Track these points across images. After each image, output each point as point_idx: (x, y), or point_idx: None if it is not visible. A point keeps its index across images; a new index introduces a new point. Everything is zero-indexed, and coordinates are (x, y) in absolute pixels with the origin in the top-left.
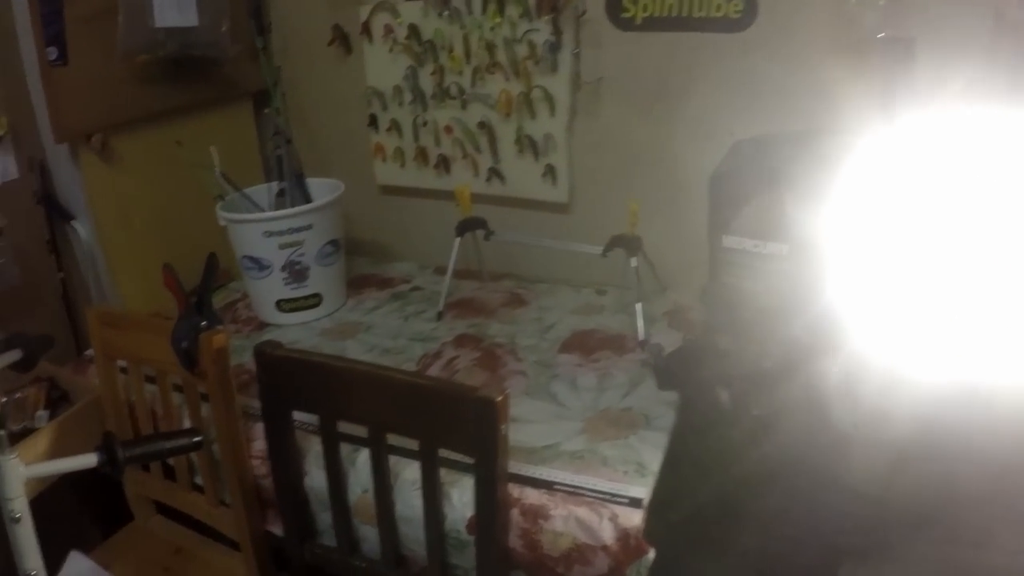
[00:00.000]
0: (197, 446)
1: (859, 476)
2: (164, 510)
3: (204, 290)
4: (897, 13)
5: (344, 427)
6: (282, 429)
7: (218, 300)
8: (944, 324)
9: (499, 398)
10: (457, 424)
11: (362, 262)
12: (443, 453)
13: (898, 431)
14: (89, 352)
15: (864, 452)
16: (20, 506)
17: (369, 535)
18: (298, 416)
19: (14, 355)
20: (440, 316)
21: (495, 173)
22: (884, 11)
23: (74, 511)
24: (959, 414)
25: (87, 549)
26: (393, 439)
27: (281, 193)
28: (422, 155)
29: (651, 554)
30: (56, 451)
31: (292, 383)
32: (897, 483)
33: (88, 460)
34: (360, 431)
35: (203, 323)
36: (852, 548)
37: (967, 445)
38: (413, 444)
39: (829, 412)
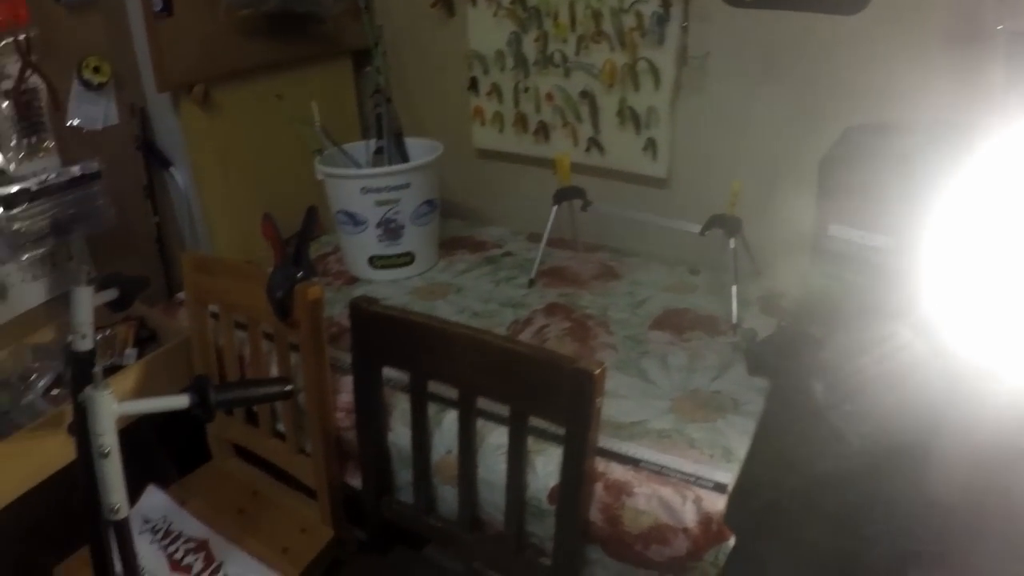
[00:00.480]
0: (287, 395)
1: (937, 485)
2: (241, 453)
3: (302, 241)
4: (1017, 4)
5: (433, 387)
6: (371, 384)
7: (310, 252)
8: None
9: (597, 371)
10: (551, 393)
11: (454, 224)
12: (532, 421)
13: (981, 442)
14: (180, 295)
15: (945, 461)
16: (109, 441)
17: (447, 495)
18: (387, 373)
19: (111, 294)
20: (532, 283)
21: (594, 143)
22: (1003, 2)
23: (152, 447)
24: None
25: (163, 485)
26: (482, 403)
27: (379, 151)
28: (521, 121)
29: (731, 541)
30: (142, 389)
31: (385, 339)
32: (970, 494)
33: (180, 401)
34: (449, 392)
35: (299, 274)
36: (921, 555)
37: None
38: (502, 409)
39: (919, 416)
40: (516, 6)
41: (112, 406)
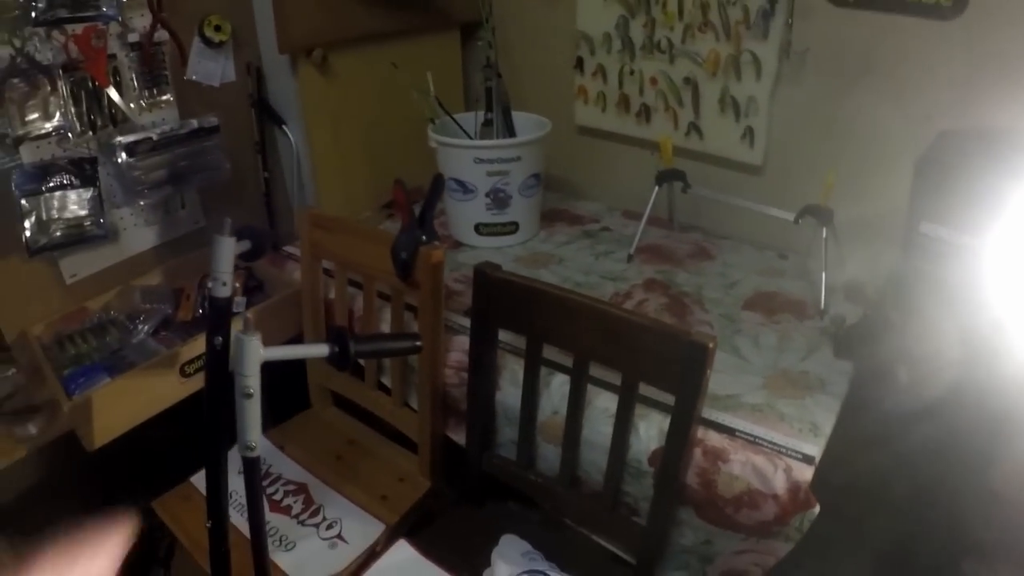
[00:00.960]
0: (417, 350)
1: (1000, 477)
2: (338, 403)
3: (428, 207)
4: None
5: (546, 352)
6: (486, 345)
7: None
8: None
9: (711, 344)
10: (664, 363)
11: (552, 197)
12: (641, 388)
13: None
14: (287, 248)
15: (1009, 455)
16: (254, 383)
17: (548, 454)
18: (501, 335)
19: (244, 245)
20: (630, 259)
21: (694, 128)
22: None
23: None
24: None
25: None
26: (592, 369)
27: (487, 123)
28: (624, 102)
29: (816, 509)
30: None
31: (505, 304)
32: None
33: (320, 350)
34: (560, 357)
35: (423, 237)
36: (978, 545)
37: None
38: (610, 375)
39: (990, 407)
40: None
41: (259, 351)
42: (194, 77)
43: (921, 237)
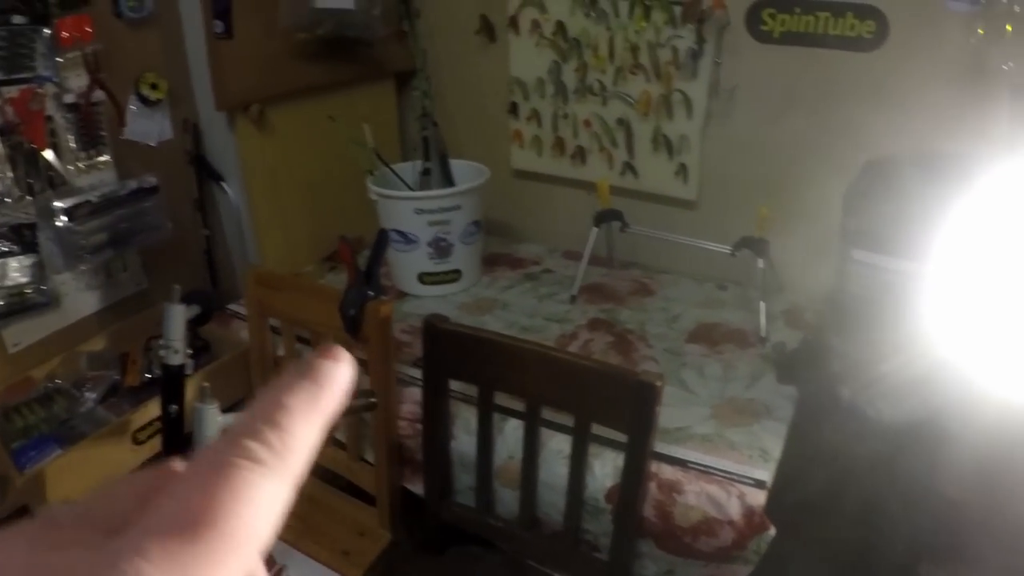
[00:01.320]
0: (373, 406)
1: (949, 481)
2: None
3: (374, 263)
4: (1021, 45)
5: (497, 398)
6: (438, 394)
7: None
8: None
9: (659, 383)
10: (614, 403)
11: (493, 241)
12: (593, 428)
13: (989, 443)
14: (232, 306)
15: (955, 460)
16: None
17: (506, 497)
18: (452, 384)
19: (194, 310)
20: (573, 299)
21: (629, 167)
22: (1010, 43)
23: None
24: None
25: None
26: (544, 412)
27: (426, 172)
28: (559, 145)
29: (772, 531)
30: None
31: (455, 355)
32: (982, 491)
33: None
34: (512, 402)
35: (371, 293)
36: (933, 548)
37: None
38: (562, 417)
39: (933, 418)
40: (557, 37)
41: (219, 419)
42: (131, 136)
43: (854, 264)
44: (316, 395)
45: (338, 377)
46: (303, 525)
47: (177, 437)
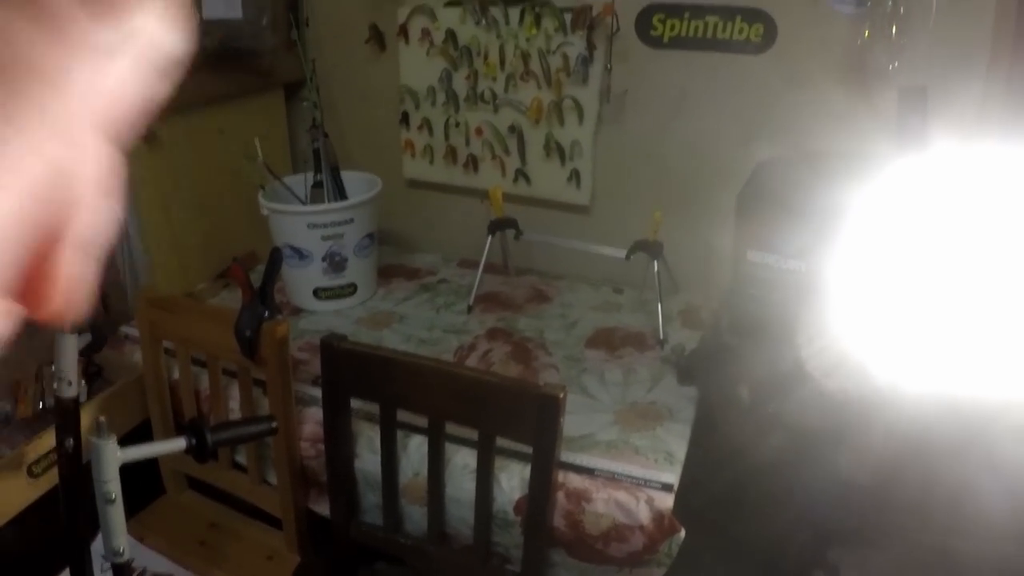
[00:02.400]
0: (274, 431)
1: (850, 467)
2: (193, 485)
3: (268, 282)
4: (907, 47)
5: (400, 415)
6: (339, 414)
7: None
8: (936, 340)
9: (561, 394)
10: (517, 416)
11: (388, 252)
12: (498, 442)
13: (887, 429)
14: (124, 330)
15: (855, 448)
16: (115, 487)
17: (414, 514)
18: (353, 403)
19: (86, 339)
20: (470, 309)
21: (522, 174)
22: (895, 44)
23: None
24: (943, 420)
25: None
26: (448, 427)
27: (317, 184)
28: (451, 154)
29: (682, 533)
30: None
31: (354, 373)
32: (881, 474)
33: (178, 444)
34: (415, 419)
35: (266, 313)
36: (840, 533)
37: (945, 447)
38: (466, 432)
39: (832, 412)
40: (447, 45)
41: (116, 454)
42: None
43: (749, 265)
44: None
45: None
46: (209, 551)
47: (75, 472)
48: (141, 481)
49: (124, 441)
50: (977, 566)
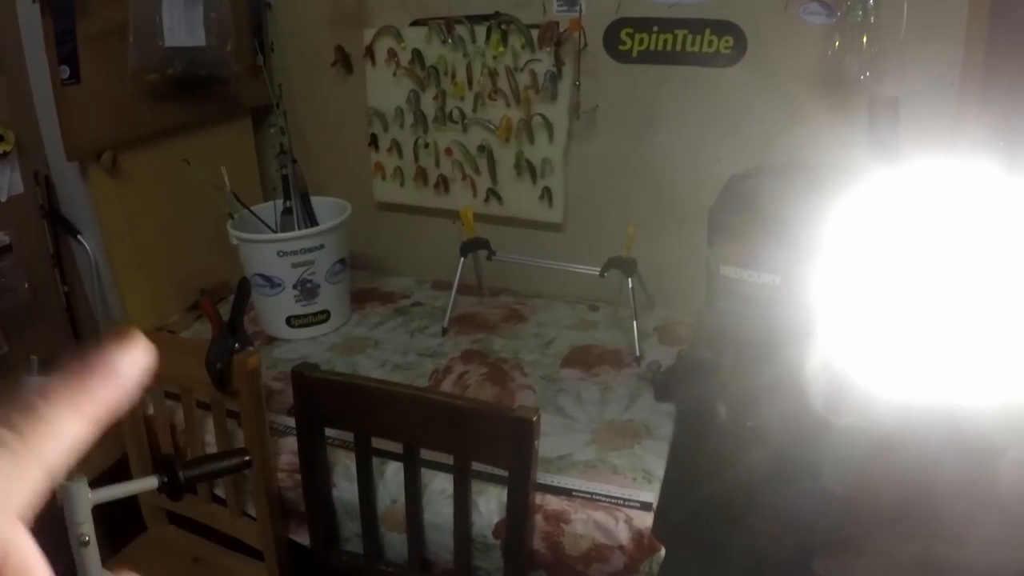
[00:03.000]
0: (248, 464)
1: (831, 479)
2: (175, 520)
3: (237, 313)
4: (878, 57)
5: (376, 442)
6: (314, 444)
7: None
8: (910, 348)
9: (534, 417)
10: (493, 440)
11: (360, 276)
12: (474, 466)
13: (866, 440)
14: None
15: (836, 458)
16: (88, 529)
17: (394, 541)
18: (328, 431)
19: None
20: (445, 332)
21: (493, 194)
22: (866, 53)
23: None
24: (923, 429)
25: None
26: (424, 453)
27: (287, 211)
28: (422, 175)
29: (662, 552)
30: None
31: (328, 403)
32: (865, 485)
33: (150, 483)
34: (390, 445)
35: (236, 345)
36: (824, 543)
37: (928, 457)
38: (443, 457)
39: (810, 424)
40: (414, 65)
41: (88, 495)
42: None
43: (722, 280)
44: (86, 383)
45: (121, 365)
46: None
47: (45, 514)
48: (121, 517)
49: (102, 479)
50: (959, 572)
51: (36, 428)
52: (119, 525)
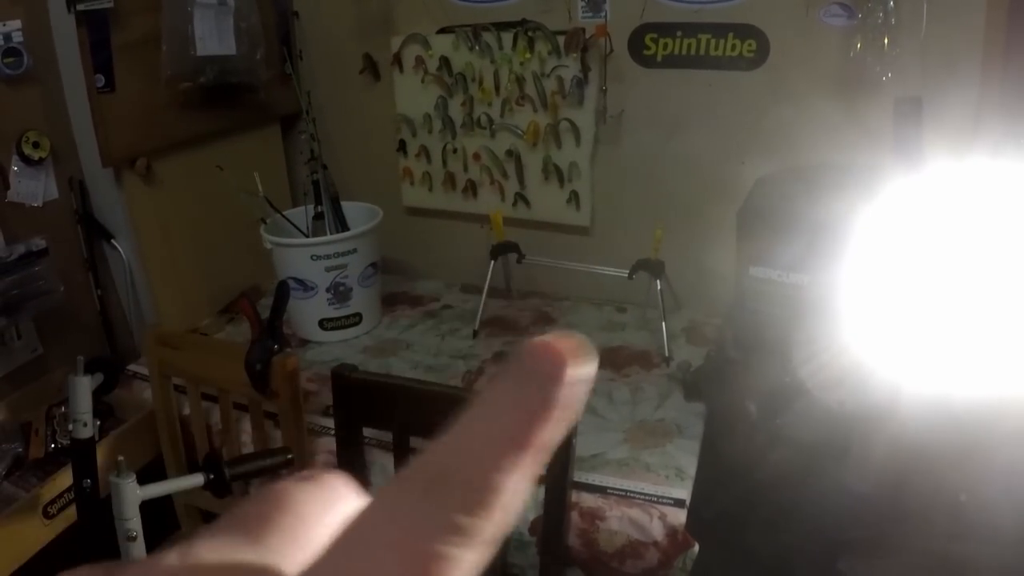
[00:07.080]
0: (290, 463)
1: (858, 478)
2: (208, 519)
3: (276, 316)
4: (900, 58)
5: (413, 442)
6: (353, 443)
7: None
8: (936, 351)
9: None
10: None
11: (390, 280)
12: None
13: (894, 440)
14: (132, 367)
15: (863, 458)
16: (135, 525)
17: None
18: (366, 431)
19: (98, 379)
20: (476, 334)
21: (521, 198)
22: (888, 55)
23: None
24: (953, 429)
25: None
26: None
27: (318, 216)
28: (450, 180)
29: (696, 547)
30: (111, 464)
31: (366, 403)
32: (886, 485)
33: (196, 480)
34: (427, 445)
35: (275, 347)
36: (850, 543)
37: (946, 456)
38: None
39: (838, 423)
40: (442, 72)
41: (137, 492)
42: (16, 198)
43: (751, 280)
44: (528, 424)
45: (564, 392)
46: None
47: (93, 511)
48: (153, 517)
49: (138, 478)
50: (981, 571)
51: (497, 506)
52: (153, 524)
